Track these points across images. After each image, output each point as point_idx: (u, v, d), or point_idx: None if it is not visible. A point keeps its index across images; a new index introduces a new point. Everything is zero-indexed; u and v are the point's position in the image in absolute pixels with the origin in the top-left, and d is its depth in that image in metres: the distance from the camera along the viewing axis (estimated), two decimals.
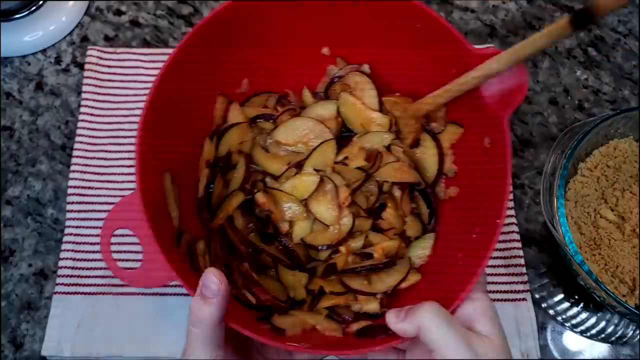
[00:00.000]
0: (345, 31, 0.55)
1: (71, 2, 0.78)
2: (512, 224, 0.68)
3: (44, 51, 0.77)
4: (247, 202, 0.54)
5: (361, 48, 0.56)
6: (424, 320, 0.39)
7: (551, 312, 0.65)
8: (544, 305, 0.65)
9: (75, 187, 0.69)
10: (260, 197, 0.52)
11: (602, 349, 0.64)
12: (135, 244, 0.51)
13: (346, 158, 0.54)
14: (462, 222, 0.52)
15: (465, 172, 0.54)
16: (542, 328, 0.64)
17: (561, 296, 0.66)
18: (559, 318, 0.65)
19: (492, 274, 0.66)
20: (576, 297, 0.66)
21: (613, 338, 0.64)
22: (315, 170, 0.53)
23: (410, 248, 0.54)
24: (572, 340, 0.64)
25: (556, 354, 0.63)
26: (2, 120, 0.73)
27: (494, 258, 0.67)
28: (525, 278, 0.65)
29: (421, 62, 0.54)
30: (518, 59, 0.44)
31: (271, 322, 0.49)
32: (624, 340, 0.64)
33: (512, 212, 0.69)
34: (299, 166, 0.54)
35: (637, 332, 0.64)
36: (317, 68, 0.58)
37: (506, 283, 0.65)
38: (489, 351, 0.39)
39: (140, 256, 0.49)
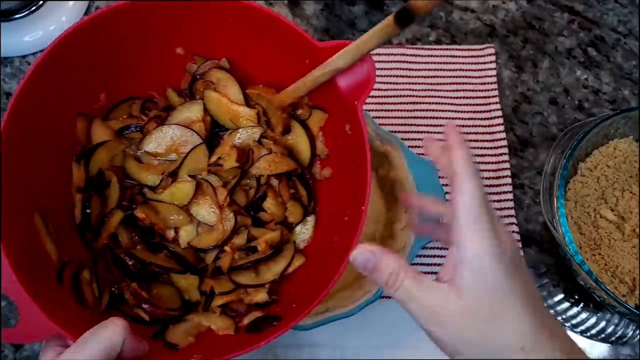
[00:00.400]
0: (197, 29, 0.54)
1: (71, 2, 0.78)
2: (512, 224, 0.68)
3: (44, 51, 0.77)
4: (129, 216, 0.53)
5: (217, 45, 0.55)
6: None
7: (551, 312, 0.65)
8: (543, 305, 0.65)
9: None
10: (139, 213, 0.52)
11: (602, 349, 0.64)
12: None
13: (220, 158, 0.54)
14: (336, 204, 0.54)
15: (335, 153, 0.56)
16: None
17: (561, 296, 0.66)
18: (559, 318, 0.65)
19: None
20: (576, 297, 0.66)
21: (613, 338, 0.64)
22: (190, 176, 0.53)
23: (294, 232, 0.56)
24: None
25: None
26: (2, 120, 0.73)
27: None
28: None
29: (275, 55, 0.54)
30: (359, 55, 0.46)
31: (164, 337, 0.49)
32: (624, 340, 0.64)
33: (512, 212, 0.69)
34: (173, 174, 0.53)
35: (637, 332, 0.64)
36: (176, 68, 0.57)
37: None
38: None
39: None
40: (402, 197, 0.44)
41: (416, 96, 0.74)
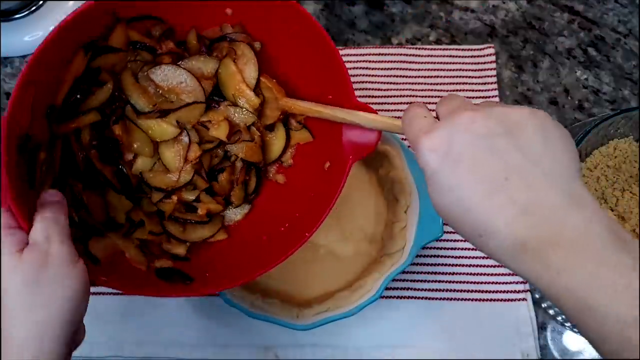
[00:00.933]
0: (253, 5, 0.55)
1: (71, 2, 0.78)
2: None
3: None
4: (99, 123, 0.53)
5: (261, 26, 0.56)
6: None
7: (551, 312, 0.65)
8: (544, 305, 0.65)
9: None
10: (116, 129, 0.53)
11: None
12: None
13: (209, 122, 0.56)
14: (277, 211, 0.57)
15: (297, 171, 0.59)
16: (542, 328, 0.64)
17: None
18: (559, 318, 0.65)
19: (492, 274, 0.66)
20: None
21: None
22: (177, 122, 0.55)
23: (228, 210, 0.59)
24: (572, 340, 0.64)
25: (556, 354, 0.63)
26: None
27: None
28: None
29: (309, 71, 0.55)
30: (383, 128, 0.48)
31: (87, 246, 0.51)
32: None
33: None
34: (164, 113, 0.54)
35: None
36: (214, 18, 0.57)
37: (506, 283, 0.65)
38: None
39: None
40: None
41: (416, 96, 0.74)
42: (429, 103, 0.74)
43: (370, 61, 0.75)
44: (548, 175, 0.33)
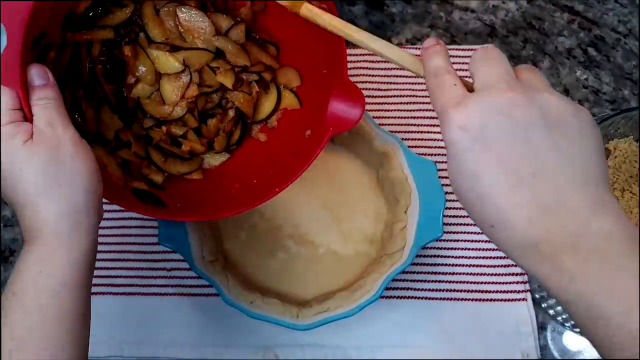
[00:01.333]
0: None
1: None
2: None
3: None
4: (111, 41, 0.57)
5: None
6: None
7: (551, 312, 0.65)
8: (544, 305, 0.65)
9: None
10: (126, 50, 0.57)
11: None
12: None
13: (217, 68, 0.60)
14: (252, 166, 0.62)
15: (278, 133, 0.63)
16: (542, 328, 0.64)
17: None
18: (559, 318, 0.65)
19: (492, 274, 0.66)
20: None
21: None
22: (183, 60, 0.58)
23: (208, 154, 0.62)
24: (572, 340, 0.64)
25: (556, 354, 0.63)
26: None
27: (494, 258, 0.67)
28: (526, 278, 0.65)
29: (308, 42, 0.57)
30: (387, 55, 0.41)
31: None
32: None
33: None
34: (174, 48, 0.58)
35: None
36: None
37: (506, 283, 0.65)
38: None
39: None
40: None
41: (416, 96, 0.74)
42: (429, 103, 0.74)
43: (370, 61, 0.75)
44: (577, 178, 0.31)
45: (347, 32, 0.43)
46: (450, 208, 0.69)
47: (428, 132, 0.73)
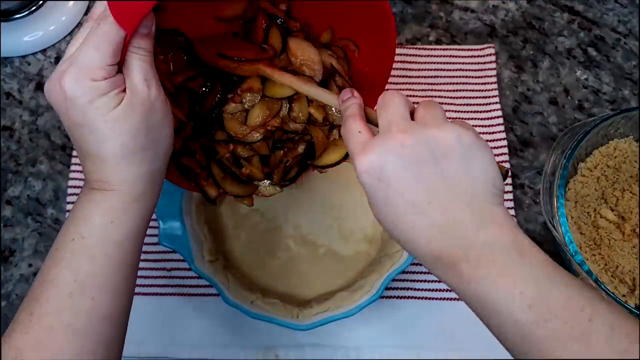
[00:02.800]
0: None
1: (71, 2, 0.78)
2: None
3: (44, 51, 0.77)
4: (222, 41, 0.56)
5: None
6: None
7: None
8: None
9: (75, 187, 0.69)
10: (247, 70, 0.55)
11: None
12: None
13: (311, 102, 0.57)
14: None
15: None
16: None
17: None
18: None
19: None
20: None
21: None
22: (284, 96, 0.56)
23: (263, 183, 0.60)
24: None
25: None
26: (2, 120, 0.73)
27: None
28: None
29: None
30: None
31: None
32: None
33: (512, 212, 0.69)
34: (293, 72, 0.55)
35: None
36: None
37: None
38: None
39: None
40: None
41: (416, 96, 0.74)
42: None
43: None
44: (464, 199, 0.37)
45: (294, 86, 0.52)
46: None
47: None
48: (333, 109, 0.56)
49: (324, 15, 0.58)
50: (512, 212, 0.69)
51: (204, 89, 0.55)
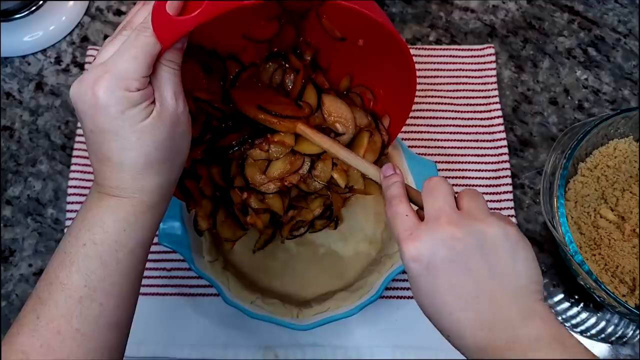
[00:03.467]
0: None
1: (71, 2, 0.78)
2: None
3: (44, 51, 0.77)
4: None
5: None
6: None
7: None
8: None
9: (75, 187, 0.69)
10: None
11: (602, 349, 0.64)
12: None
13: (335, 166, 0.56)
14: None
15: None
16: None
17: (561, 296, 0.66)
18: (559, 318, 0.65)
19: None
20: (576, 297, 0.66)
21: (613, 338, 0.64)
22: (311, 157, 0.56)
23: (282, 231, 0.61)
24: None
25: None
26: (2, 120, 0.73)
27: None
28: None
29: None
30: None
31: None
32: (624, 340, 0.64)
33: (512, 212, 0.69)
34: (317, 126, 0.55)
35: (637, 332, 0.64)
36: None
37: None
38: None
39: None
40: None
41: (416, 96, 0.74)
42: (429, 103, 0.74)
43: None
44: (510, 294, 0.38)
45: (332, 151, 0.52)
46: None
47: (428, 132, 0.73)
48: (354, 169, 0.55)
49: (346, 61, 0.57)
50: (512, 212, 0.69)
51: (224, 124, 0.55)
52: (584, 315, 0.65)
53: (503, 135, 0.72)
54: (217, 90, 0.56)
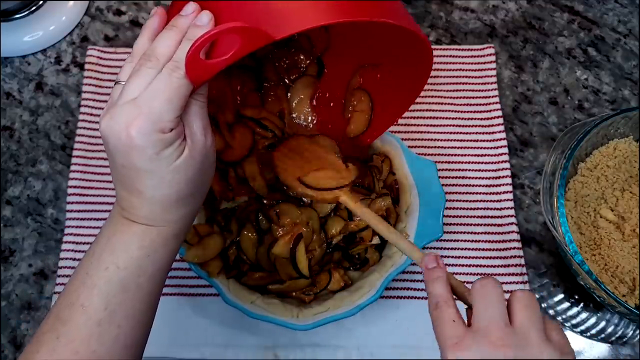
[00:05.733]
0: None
1: (71, 2, 0.78)
2: (512, 224, 0.68)
3: (44, 51, 0.77)
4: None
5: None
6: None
7: (551, 312, 0.65)
8: (544, 305, 0.65)
9: (75, 187, 0.69)
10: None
11: (602, 349, 0.64)
12: None
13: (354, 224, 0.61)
14: None
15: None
16: None
17: (561, 296, 0.66)
18: (559, 318, 0.65)
19: (491, 274, 0.66)
20: (576, 297, 0.66)
21: (613, 338, 0.64)
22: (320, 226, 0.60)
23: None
24: (572, 340, 0.64)
25: None
26: (2, 120, 0.73)
27: (494, 258, 0.67)
28: (526, 278, 0.65)
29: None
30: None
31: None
32: (624, 340, 0.64)
33: (512, 212, 0.69)
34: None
35: (637, 332, 0.64)
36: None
37: (506, 283, 0.65)
38: None
39: None
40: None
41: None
42: (429, 103, 0.74)
43: None
44: None
45: (380, 228, 0.52)
46: (450, 208, 0.69)
47: (428, 132, 0.73)
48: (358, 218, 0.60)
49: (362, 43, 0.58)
50: (512, 212, 0.69)
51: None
52: (584, 315, 0.65)
53: (503, 135, 0.72)
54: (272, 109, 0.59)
